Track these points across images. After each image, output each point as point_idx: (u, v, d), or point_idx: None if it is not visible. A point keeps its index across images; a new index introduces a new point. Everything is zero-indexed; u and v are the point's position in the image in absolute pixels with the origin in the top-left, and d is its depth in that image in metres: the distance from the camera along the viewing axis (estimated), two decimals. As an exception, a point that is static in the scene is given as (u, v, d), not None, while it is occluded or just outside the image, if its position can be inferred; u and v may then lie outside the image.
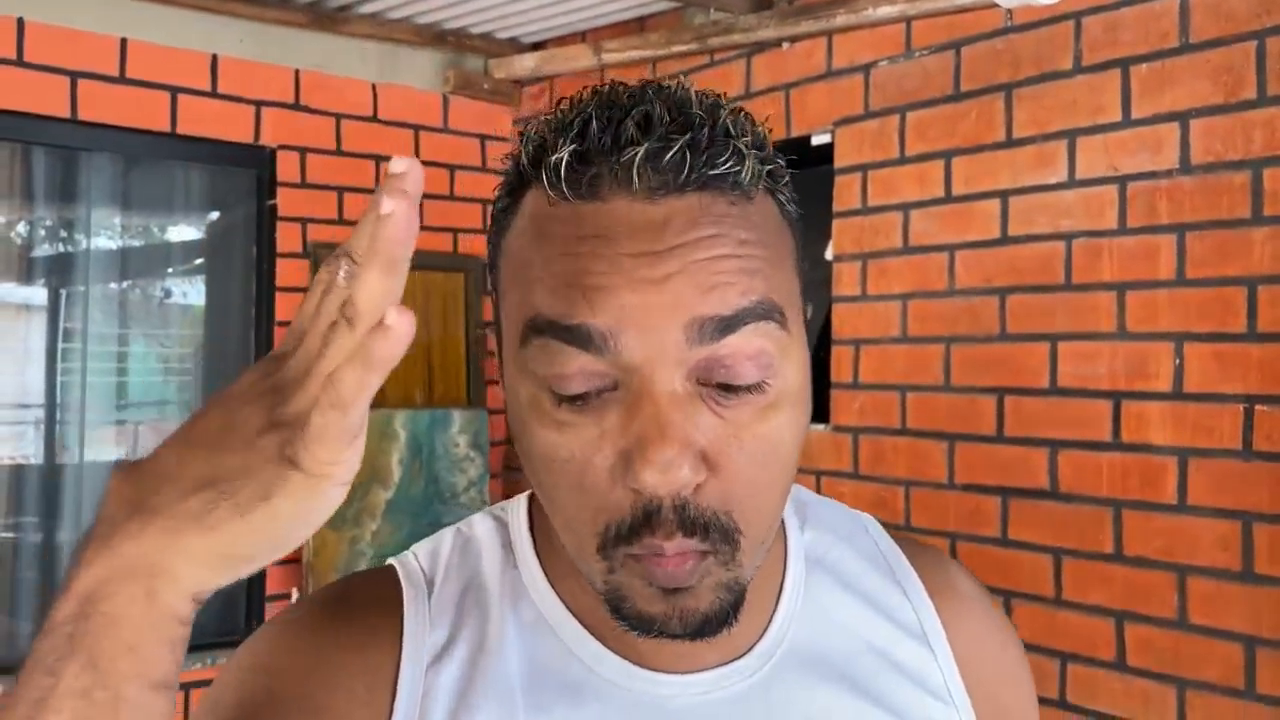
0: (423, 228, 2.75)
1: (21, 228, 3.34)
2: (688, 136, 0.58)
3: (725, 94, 0.64)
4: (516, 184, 0.63)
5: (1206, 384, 2.07)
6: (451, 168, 3.56)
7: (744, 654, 0.68)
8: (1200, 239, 2.09)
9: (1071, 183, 2.27)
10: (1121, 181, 2.20)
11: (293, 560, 3.25)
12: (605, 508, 0.58)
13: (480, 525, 0.74)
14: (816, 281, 2.75)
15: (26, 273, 3.38)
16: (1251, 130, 2.03)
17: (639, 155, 0.57)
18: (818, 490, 2.64)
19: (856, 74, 2.67)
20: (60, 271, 3.33)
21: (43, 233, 3.36)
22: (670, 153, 0.57)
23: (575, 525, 0.60)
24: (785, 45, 2.83)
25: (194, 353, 3.52)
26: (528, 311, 0.59)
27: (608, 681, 0.66)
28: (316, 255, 3.30)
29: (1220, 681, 2.03)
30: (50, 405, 3.25)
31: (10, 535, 3.21)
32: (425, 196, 3.46)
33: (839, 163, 2.67)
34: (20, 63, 2.90)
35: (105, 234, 3.38)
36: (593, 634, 0.67)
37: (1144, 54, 2.18)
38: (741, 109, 0.63)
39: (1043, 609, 2.28)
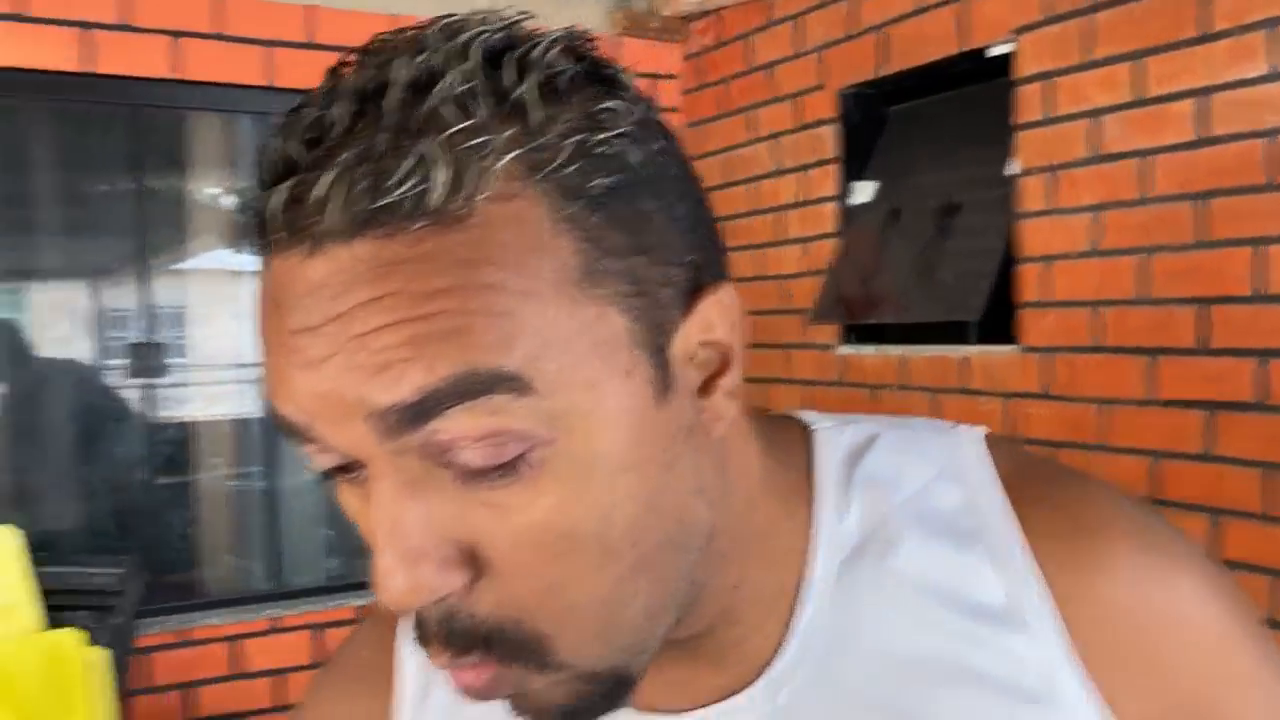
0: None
1: (229, 195, 3.57)
2: (347, 156, 0.41)
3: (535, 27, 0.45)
4: None
5: None
6: (623, 109, 3.59)
7: (752, 682, 0.54)
8: None
9: (1273, 75, 2.13)
10: (1333, 69, 2.05)
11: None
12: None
13: None
14: (996, 199, 2.68)
15: (235, 239, 3.62)
16: None
17: (283, 196, 0.42)
18: (1005, 414, 2.60)
19: (1035, -21, 2.57)
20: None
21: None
22: (315, 188, 0.41)
23: None
24: (958, -44, 2.74)
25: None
26: None
27: None
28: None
29: None
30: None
31: (235, 484, 3.49)
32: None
33: (1020, 72, 2.58)
34: (220, 36, 3.08)
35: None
36: None
37: (1356, -72, 2.02)
38: (511, 42, 0.44)
39: (1251, 525, 2.18)
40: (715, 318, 0.47)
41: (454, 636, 0.44)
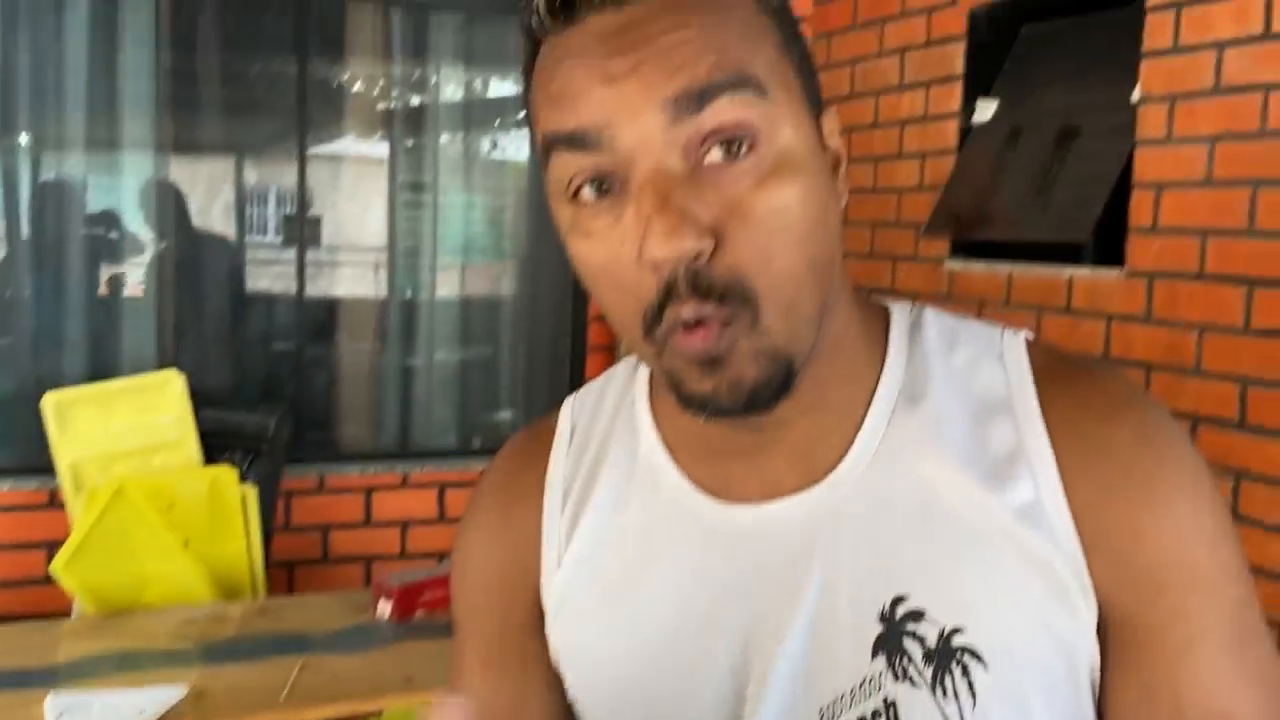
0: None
1: (374, 85, 3.78)
2: None
3: None
4: (530, 49, 0.67)
5: None
6: None
7: (819, 482, 0.69)
8: None
9: None
10: None
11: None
12: (638, 295, 0.62)
13: (623, 364, 0.81)
14: (1117, 125, 2.73)
15: (374, 127, 3.84)
16: None
17: None
18: (1106, 336, 2.68)
19: (1176, -94, 2.58)
20: (402, 126, 3.76)
21: (393, 90, 3.79)
22: None
23: (624, 322, 0.65)
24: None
25: (515, 203, 3.92)
26: (540, 138, 0.64)
27: (687, 510, 0.72)
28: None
29: None
30: (390, 249, 3.73)
31: (372, 357, 3.76)
32: None
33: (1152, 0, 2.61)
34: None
35: (447, 90, 3.78)
36: (681, 469, 0.73)
37: None
38: None
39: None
40: (831, 127, 0.67)
41: (700, 288, 0.60)
